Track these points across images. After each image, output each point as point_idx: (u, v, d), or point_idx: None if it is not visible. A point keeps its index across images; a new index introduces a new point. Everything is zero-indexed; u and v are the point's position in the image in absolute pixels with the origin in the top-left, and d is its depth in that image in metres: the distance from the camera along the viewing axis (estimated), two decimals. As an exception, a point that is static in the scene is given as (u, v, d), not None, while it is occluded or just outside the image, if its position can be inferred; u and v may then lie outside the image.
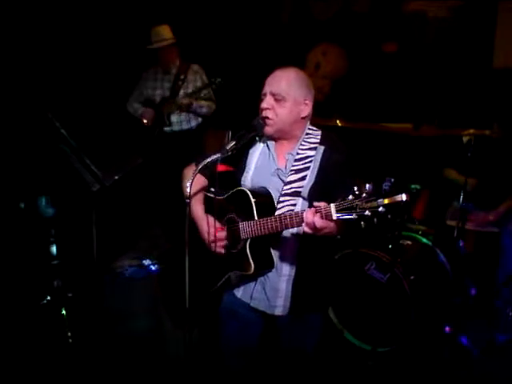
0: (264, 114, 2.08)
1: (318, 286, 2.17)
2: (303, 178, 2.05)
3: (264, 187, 2.11)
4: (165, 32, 4.38)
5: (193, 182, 2.06)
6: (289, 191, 2.05)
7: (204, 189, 2.32)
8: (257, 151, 2.20)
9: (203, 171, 2.12)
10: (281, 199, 2.05)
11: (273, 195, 2.08)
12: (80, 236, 3.57)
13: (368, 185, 1.65)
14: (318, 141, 2.10)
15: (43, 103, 3.32)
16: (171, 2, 5.16)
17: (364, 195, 1.65)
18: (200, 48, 5.05)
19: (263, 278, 2.14)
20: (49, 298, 3.41)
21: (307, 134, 2.12)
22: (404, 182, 3.58)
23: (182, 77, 4.42)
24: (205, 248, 2.23)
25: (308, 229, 1.83)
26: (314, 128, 2.16)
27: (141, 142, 4.40)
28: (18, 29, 4.39)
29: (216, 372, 2.50)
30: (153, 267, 4.29)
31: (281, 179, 2.10)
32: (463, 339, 3.29)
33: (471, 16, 4.56)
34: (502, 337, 3.27)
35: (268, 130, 2.09)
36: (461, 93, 4.48)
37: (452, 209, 3.69)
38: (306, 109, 2.10)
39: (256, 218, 2.02)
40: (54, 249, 3.33)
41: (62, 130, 2.95)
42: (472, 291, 3.52)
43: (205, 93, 4.36)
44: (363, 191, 1.65)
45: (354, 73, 5.09)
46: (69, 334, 3.23)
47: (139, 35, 4.52)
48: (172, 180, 2.61)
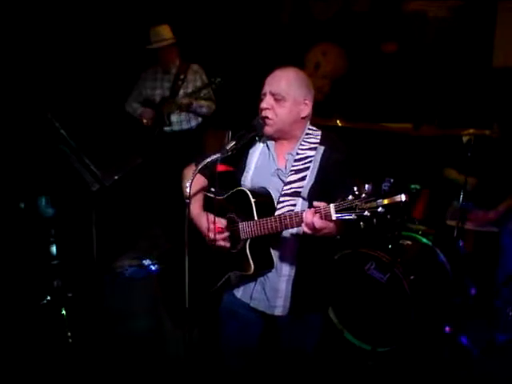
0: (264, 114, 2.07)
1: (318, 287, 2.16)
2: (303, 178, 2.04)
3: (264, 187, 2.10)
4: (164, 32, 4.37)
5: (192, 182, 2.06)
6: (289, 191, 2.04)
7: (204, 189, 2.32)
8: (257, 151, 2.20)
9: (203, 171, 2.12)
10: (281, 199, 2.05)
11: (273, 195, 2.08)
12: (80, 236, 3.57)
13: (367, 185, 1.65)
14: (318, 141, 2.09)
15: (43, 103, 3.32)
16: (170, 2, 5.16)
17: (363, 195, 1.64)
18: (200, 48, 5.05)
19: (263, 278, 2.14)
20: (49, 298, 3.41)
21: (307, 134, 2.12)
22: (404, 182, 3.58)
23: (182, 77, 4.41)
24: (205, 248, 2.22)
25: (307, 229, 1.83)
26: (314, 128, 2.15)
27: (140, 142, 4.40)
28: (18, 29, 4.39)
29: (216, 372, 2.49)
30: (153, 267, 4.29)
31: (281, 179, 2.10)
32: (463, 339, 3.29)
33: (471, 16, 4.56)
34: (502, 337, 3.27)
35: (268, 130, 2.09)
36: (461, 92, 4.48)
37: (452, 208, 3.68)
38: (306, 109, 2.10)
39: (256, 218, 2.02)
40: (54, 249, 3.33)
41: (62, 131, 2.95)
42: (472, 291, 3.52)
43: (205, 93, 4.36)
44: (363, 191, 1.65)
45: (354, 73, 5.09)
46: (69, 334, 3.23)
47: (138, 35, 4.52)
48: (172, 180, 2.61)
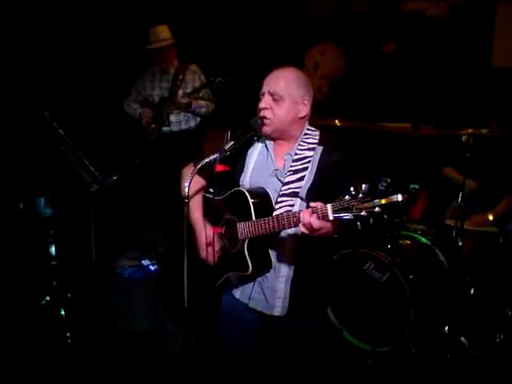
0: (262, 114, 2.07)
1: (317, 287, 2.16)
2: (301, 179, 2.04)
3: (262, 188, 2.10)
4: (163, 32, 4.36)
5: (191, 183, 2.06)
6: (287, 192, 2.04)
7: (202, 189, 2.32)
8: (255, 151, 2.19)
9: (201, 172, 2.12)
10: (279, 200, 2.05)
11: (271, 196, 2.07)
12: (79, 237, 3.57)
13: (364, 185, 1.64)
14: (317, 141, 2.09)
15: (41, 103, 3.32)
16: (169, 2, 5.16)
17: (360, 195, 1.64)
18: (198, 48, 5.05)
19: (261, 279, 2.14)
20: (48, 299, 3.41)
21: (305, 135, 2.11)
22: (403, 182, 3.57)
23: (181, 77, 4.40)
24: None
25: (305, 229, 1.83)
26: (313, 128, 2.15)
27: (139, 143, 4.40)
28: (17, 29, 4.39)
29: (215, 372, 2.49)
30: (152, 267, 4.29)
31: (279, 180, 2.10)
32: (462, 339, 3.29)
33: (470, 15, 4.56)
34: (502, 335, 3.27)
35: (266, 130, 2.09)
36: (459, 92, 4.48)
37: (451, 208, 3.68)
38: (305, 109, 2.09)
39: (254, 219, 2.02)
40: (53, 249, 3.33)
41: (60, 131, 2.95)
42: (471, 291, 3.51)
43: (203, 93, 4.36)
44: (360, 191, 1.65)
45: (353, 72, 5.09)
46: (68, 335, 3.23)
47: (137, 35, 4.52)
48: (171, 180, 2.61)
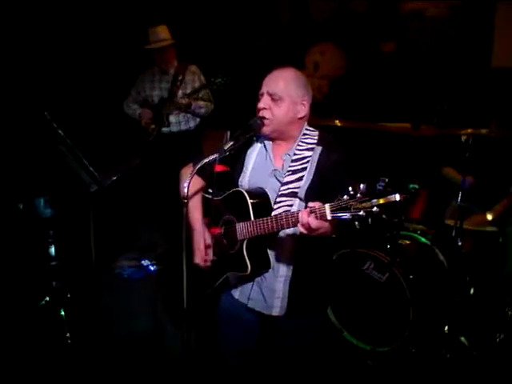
0: (261, 114, 2.07)
1: (316, 287, 2.16)
2: (300, 179, 2.04)
3: (261, 188, 2.10)
4: (163, 32, 4.35)
5: (190, 183, 2.06)
6: (285, 192, 2.04)
7: (201, 190, 2.32)
8: (254, 152, 2.20)
9: (201, 172, 2.12)
10: (277, 200, 2.05)
11: (270, 196, 2.08)
12: (78, 237, 3.58)
13: (362, 185, 1.64)
14: (315, 141, 2.09)
15: (41, 104, 3.32)
16: (169, 2, 5.16)
17: (358, 195, 1.64)
18: (198, 48, 5.05)
19: (260, 279, 2.14)
20: (47, 299, 3.41)
21: (304, 135, 2.11)
22: (402, 182, 3.57)
23: (180, 77, 4.40)
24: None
25: (303, 229, 1.83)
26: (311, 128, 2.15)
27: (139, 143, 4.40)
28: (16, 29, 4.39)
29: (215, 372, 2.49)
30: (151, 267, 4.29)
31: (278, 180, 2.10)
32: (462, 339, 3.28)
33: (469, 15, 4.56)
34: (502, 335, 3.26)
35: (265, 130, 2.09)
36: (459, 92, 4.48)
37: (450, 208, 3.67)
38: (304, 109, 2.09)
39: (252, 219, 2.02)
40: (53, 250, 3.33)
41: (60, 131, 2.95)
42: (471, 291, 3.51)
43: (203, 93, 4.36)
44: (358, 191, 1.65)
45: (353, 72, 5.09)
46: (68, 335, 3.23)
47: (137, 35, 4.52)
48: (170, 181, 2.61)
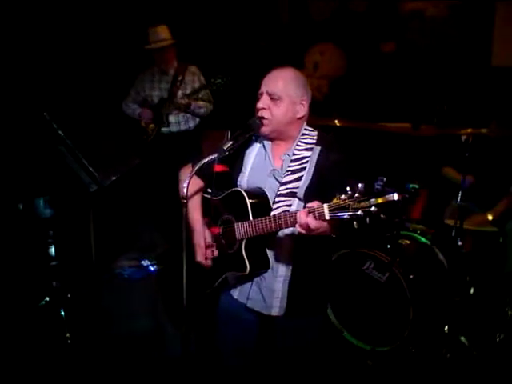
0: (260, 114, 2.07)
1: (315, 287, 2.16)
2: (299, 179, 2.04)
3: (260, 188, 2.10)
4: (163, 32, 4.36)
5: (189, 183, 2.06)
6: (284, 192, 2.04)
7: (201, 190, 2.32)
8: (253, 152, 2.20)
9: (200, 172, 2.12)
10: (276, 200, 2.05)
11: (268, 196, 2.07)
12: (78, 237, 3.58)
13: (360, 184, 1.64)
14: (315, 141, 2.09)
15: (40, 104, 3.32)
16: (169, 2, 5.16)
17: (357, 195, 1.64)
18: (198, 49, 5.05)
19: (259, 279, 2.14)
20: (47, 299, 3.41)
21: (303, 135, 2.11)
22: (401, 181, 3.57)
23: (180, 78, 4.40)
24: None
25: (301, 229, 1.83)
26: (310, 128, 2.15)
27: (138, 143, 4.40)
28: (16, 29, 4.39)
29: (214, 372, 2.49)
30: (151, 268, 4.29)
31: (277, 180, 2.10)
32: (462, 339, 3.28)
33: (469, 14, 4.56)
34: (502, 335, 3.26)
35: (264, 130, 2.09)
36: (459, 92, 4.47)
37: (450, 208, 3.67)
38: (303, 109, 2.09)
39: (251, 219, 2.02)
40: (53, 250, 3.33)
41: (60, 131, 2.95)
42: (471, 290, 3.51)
43: (203, 94, 4.36)
44: (356, 191, 1.65)
45: (353, 72, 5.09)
46: (68, 335, 3.23)
47: (137, 35, 4.52)
48: (170, 181, 2.61)
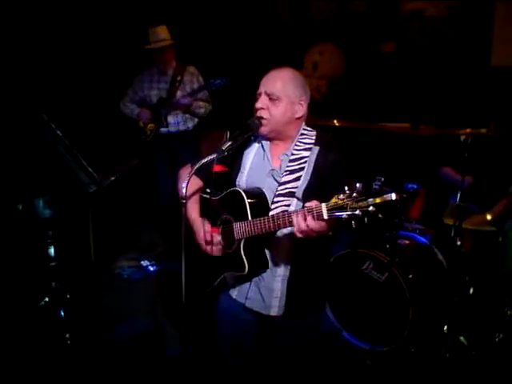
0: (258, 114, 2.07)
1: (314, 287, 2.16)
2: (298, 179, 2.04)
3: (258, 188, 2.10)
4: (163, 32, 4.36)
5: (188, 183, 2.06)
6: (283, 192, 2.04)
7: (199, 190, 2.32)
8: (252, 152, 2.20)
9: (199, 172, 2.12)
10: (275, 200, 2.05)
11: (267, 196, 2.07)
12: (78, 237, 3.58)
13: (358, 184, 1.64)
14: (313, 141, 2.09)
15: (39, 104, 3.33)
16: (169, 2, 5.16)
17: (355, 194, 1.64)
18: (198, 49, 5.05)
19: (258, 279, 2.14)
20: (47, 300, 3.41)
21: (302, 135, 2.11)
22: (399, 181, 3.57)
23: (179, 78, 4.41)
24: (201, 249, 2.23)
25: (300, 235, 1.83)
26: (309, 128, 2.15)
27: (137, 143, 4.40)
28: (15, 30, 4.39)
29: (214, 372, 2.49)
30: (151, 268, 4.29)
31: (275, 180, 2.10)
32: (461, 338, 3.28)
33: (469, 14, 4.56)
34: (501, 335, 3.26)
35: (262, 130, 2.09)
36: (459, 92, 4.48)
37: (449, 207, 3.67)
38: (301, 109, 2.09)
39: (250, 219, 2.02)
40: (52, 250, 3.33)
41: (58, 132, 2.95)
42: (470, 290, 3.51)
43: (202, 94, 4.36)
44: (354, 190, 1.65)
45: (352, 72, 5.09)
46: (67, 336, 3.23)
47: (136, 35, 4.52)
48: (169, 181, 2.61)
